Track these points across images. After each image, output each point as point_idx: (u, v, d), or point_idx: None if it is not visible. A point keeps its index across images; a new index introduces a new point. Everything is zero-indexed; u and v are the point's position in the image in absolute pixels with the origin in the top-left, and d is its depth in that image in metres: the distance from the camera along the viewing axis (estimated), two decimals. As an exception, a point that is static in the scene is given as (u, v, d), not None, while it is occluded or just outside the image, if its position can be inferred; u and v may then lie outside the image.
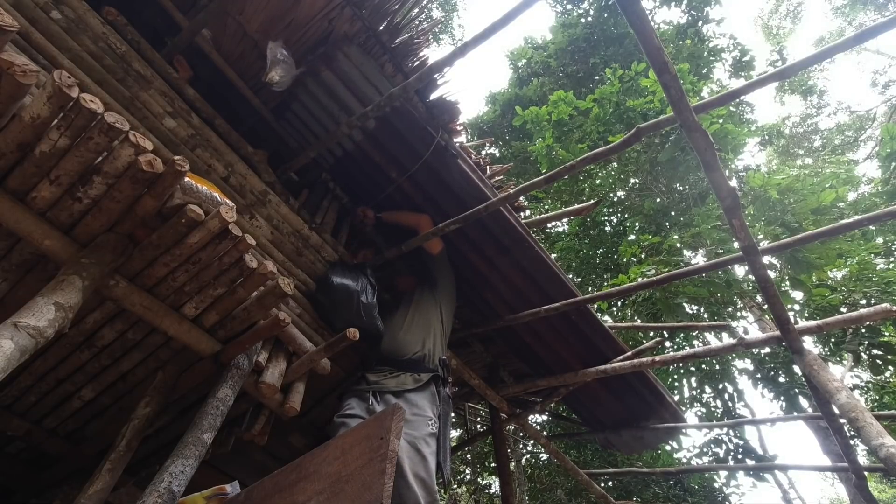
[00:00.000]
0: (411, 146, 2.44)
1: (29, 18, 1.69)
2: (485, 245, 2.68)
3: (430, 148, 2.38)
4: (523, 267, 2.72)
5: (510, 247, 2.64)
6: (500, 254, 2.69)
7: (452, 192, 2.54)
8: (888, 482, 13.53)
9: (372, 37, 2.35)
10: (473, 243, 2.69)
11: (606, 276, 7.49)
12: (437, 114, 2.47)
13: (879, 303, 3.97)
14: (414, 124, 2.38)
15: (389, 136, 2.45)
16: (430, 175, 2.52)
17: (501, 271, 2.76)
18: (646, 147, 7.06)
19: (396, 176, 2.57)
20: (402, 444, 1.78)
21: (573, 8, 10.93)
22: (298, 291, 2.30)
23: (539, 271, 2.73)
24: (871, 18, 14.60)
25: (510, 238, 2.62)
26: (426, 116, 2.43)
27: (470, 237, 2.66)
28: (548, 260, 2.73)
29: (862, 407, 2.02)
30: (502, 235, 2.61)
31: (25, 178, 1.34)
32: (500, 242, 2.64)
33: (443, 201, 2.61)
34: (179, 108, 2.08)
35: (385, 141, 2.47)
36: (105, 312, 1.80)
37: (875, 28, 1.64)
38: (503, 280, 2.79)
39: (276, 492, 1.39)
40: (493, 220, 2.53)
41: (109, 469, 1.54)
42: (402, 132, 2.41)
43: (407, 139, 2.43)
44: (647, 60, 1.64)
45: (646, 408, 3.40)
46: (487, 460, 9.25)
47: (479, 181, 2.53)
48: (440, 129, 2.44)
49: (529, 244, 2.63)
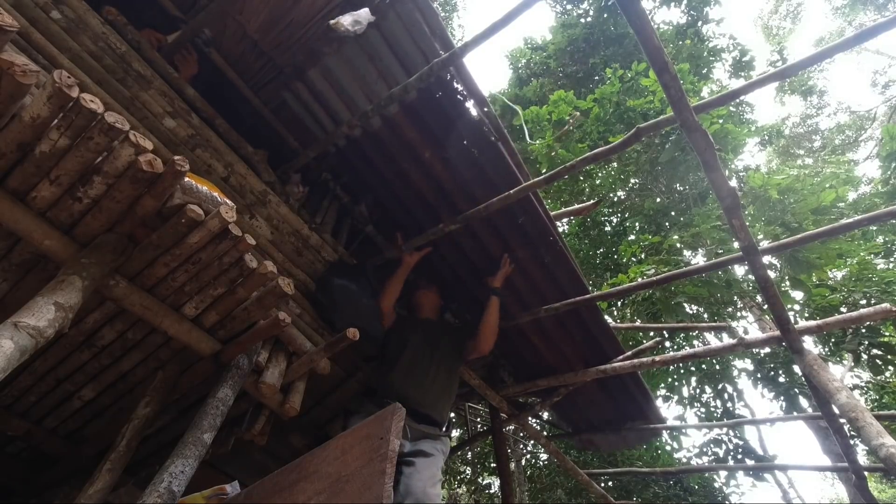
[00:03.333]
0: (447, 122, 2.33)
1: (29, 18, 1.69)
2: (508, 236, 2.61)
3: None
4: (544, 261, 2.63)
5: (535, 239, 2.56)
6: (522, 246, 2.62)
7: (486, 176, 2.43)
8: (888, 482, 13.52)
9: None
10: (496, 232, 2.62)
11: (606, 275, 7.49)
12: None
13: (879, 303, 3.97)
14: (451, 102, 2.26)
15: (428, 111, 2.32)
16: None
17: (521, 265, 2.70)
18: (646, 147, 7.06)
19: (430, 155, 2.42)
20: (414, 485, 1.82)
21: (573, 8, 10.92)
22: (298, 291, 2.30)
23: (559, 265, 2.66)
24: (871, 18, 14.60)
25: (536, 229, 2.52)
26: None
27: (493, 226, 2.59)
28: (568, 254, 2.66)
29: (862, 407, 2.02)
30: (530, 226, 2.51)
31: (25, 178, 1.34)
32: (526, 233, 2.55)
33: (475, 185, 2.50)
34: (179, 108, 2.08)
35: (423, 116, 2.34)
36: (105, 312, 1.80)
37: (875, 28, 1.64)
38: (522, 274, 2.75)
39: (276, 492, 1.39)
40: (520, 207, 2.44)
41: (109, 469, 1.54)
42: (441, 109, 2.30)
43: (444, 116, 2.31)
44: (647, 60, 1.64)
45: (635, 408, 3.41)
46: (487, 460, 9.25)
47: (516, 166, 2.42)
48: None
49: (554, 237, 2.56)
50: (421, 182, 2.54)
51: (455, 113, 2.28)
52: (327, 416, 2.81)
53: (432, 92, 2.22)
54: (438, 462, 2.02)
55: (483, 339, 2.59)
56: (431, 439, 2.10)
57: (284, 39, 2.41)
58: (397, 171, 2.57)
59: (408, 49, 2.25)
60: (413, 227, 2.75)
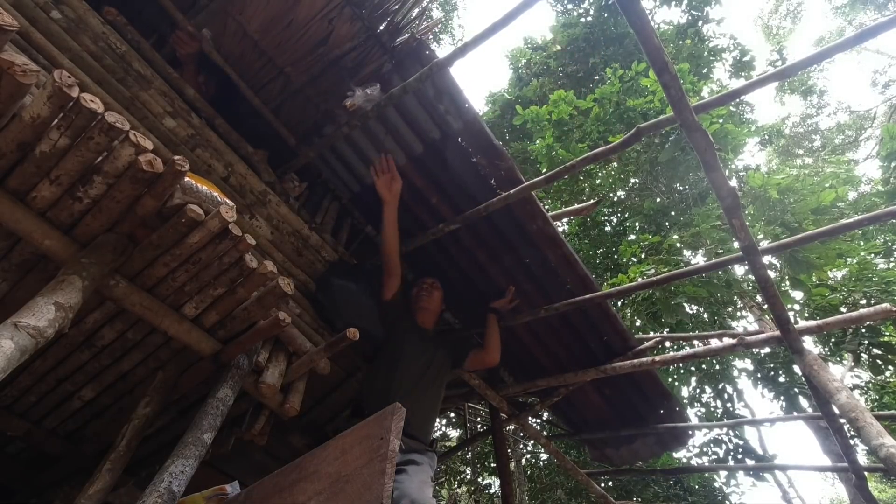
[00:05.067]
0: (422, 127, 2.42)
1: (29, 18, 1.69)
2: (500, 238, 2.65)
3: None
4: (544, 257, 2.68)
5: (534, 237, 2.59)
6: (507, 250, 2.66)
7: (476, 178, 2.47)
8: (888, 482, 13.53)
9: (371, 37, 2.35)
10: (485, 238, 2.67)
11: (606, 276, 7.49)
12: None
13: (879, 303, 3.97)
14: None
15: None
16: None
17: (513, 265, 2.75)
18: (646, 147, 7.05)
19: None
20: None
21: (573, 8, 10.92)
22: (298, 291, 2.30)
23: (555, 255, 2.68)
24: (871, 18, 14.60)
25: (537, 226, 2.56)
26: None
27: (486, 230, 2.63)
28: (569, 251, 2.68)
29: (862, 407, 2.01)
30: (528, 223, 2.55)
31: (25, 178, 1.34)
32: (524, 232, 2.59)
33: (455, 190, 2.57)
34: (179, 107, 2.07)
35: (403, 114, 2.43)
36: (105, 312, 1.80)
37: (875, 28, 1.64)
38: (521, 274, 2.79)
39: (276, 492, 1.39)
40: (520, 208, 2.48)
41: (109, 469, 1.54)
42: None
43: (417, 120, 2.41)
44: (647, 60, 1.64)
45: (649, 408, 3.40)
46: (487, 460, 9.25)
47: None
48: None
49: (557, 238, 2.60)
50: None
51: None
52: (327, 416, 2.81)
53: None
54: (428, 471, 2.05)
55: (493, 353, 2.74)
56: (419, 452, 2.13)
57: (285, 39, 2.41)
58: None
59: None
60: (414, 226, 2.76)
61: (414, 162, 2.54)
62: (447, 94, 2.25)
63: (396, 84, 2.26)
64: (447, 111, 2.30)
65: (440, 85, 2.22)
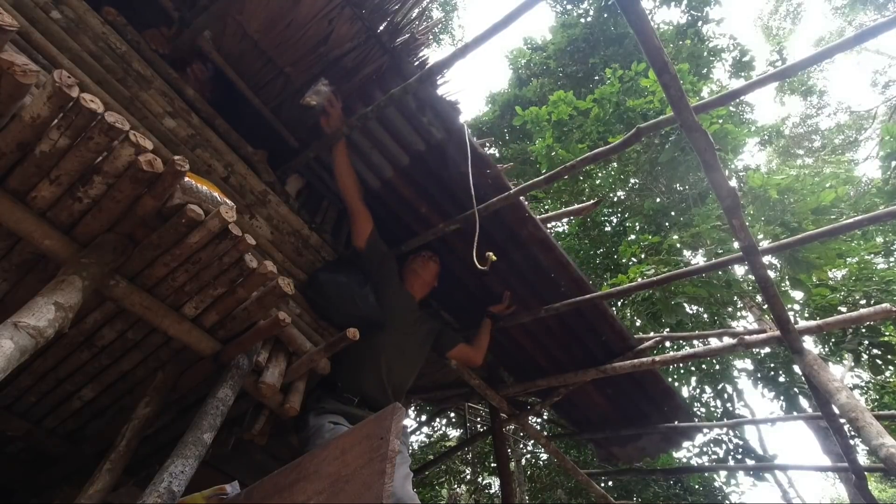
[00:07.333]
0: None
1: (29, 18, 1.69)
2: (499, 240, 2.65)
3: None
4: (537, 261, 2.68)
5: (526, 240, 2.59)
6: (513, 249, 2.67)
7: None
8: (888, 482, 13.52)
9: (371, 37, 2.35)
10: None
11: (606, 276, 7.48)
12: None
13: (879, 303, 3.97)
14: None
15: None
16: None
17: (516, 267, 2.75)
18: (646, 147, 7.05)
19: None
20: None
21: (573, 8, 10.92)
22: (298, 291, 2.30)
23: (548, 257, 2.68)
24: (871, 18, 14.60)
25: (528, 231, 2.56)
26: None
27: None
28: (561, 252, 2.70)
29: (862, 407, 2.02)
30: (519, 227, 2.55)
31: (25, 178, 1.34)
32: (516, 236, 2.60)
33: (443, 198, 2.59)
34: (179, 107, 2.08)
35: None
36: (105, 312, 1.80)
37: (875, 28, 1.64)
38: (515, 278, 2.80)
39: (276, 492, 1.39)
40: (511, 212, 2.49)
41: (109, 469, 1.54)
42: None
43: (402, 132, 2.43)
44: (647, 60, 1.64)
45: (653, 407, 3.40)
46: (487, 460, 9.25)
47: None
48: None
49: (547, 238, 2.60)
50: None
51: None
52: (327, 416, 2.80)
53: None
54: (408, 459, 2.00)
55: (479, 354, 2.78)
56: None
57: (285, 39, 2.41)
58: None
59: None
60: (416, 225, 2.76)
61: (408, 167, 2.56)
62: (430, 107, 2.30)
63: (395, 84, 2.27)
64: (430, 123, 2.34)
65: (424, 97, 2.27)
